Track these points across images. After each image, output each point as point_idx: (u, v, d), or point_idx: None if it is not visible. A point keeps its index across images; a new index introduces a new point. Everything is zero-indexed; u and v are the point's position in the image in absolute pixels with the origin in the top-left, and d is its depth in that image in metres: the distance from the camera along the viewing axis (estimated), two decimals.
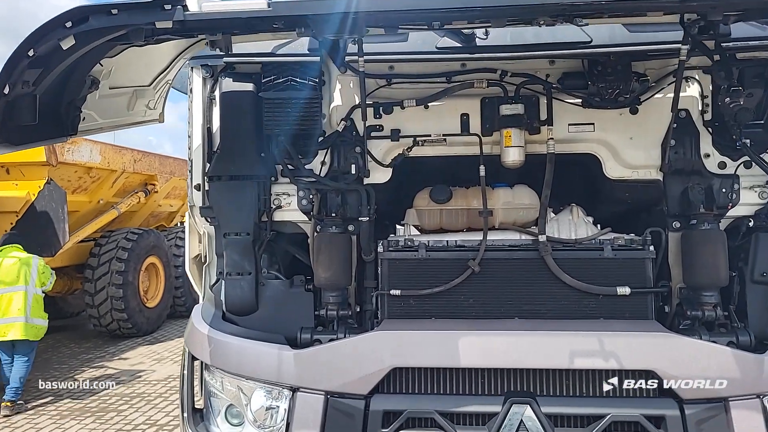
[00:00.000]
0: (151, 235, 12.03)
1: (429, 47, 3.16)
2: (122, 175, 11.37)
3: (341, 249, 3.29)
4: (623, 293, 3.14)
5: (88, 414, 7.47)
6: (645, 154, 3.30)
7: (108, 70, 2.48)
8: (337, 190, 3.38)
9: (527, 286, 3.24)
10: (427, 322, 3.19)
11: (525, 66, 3.33)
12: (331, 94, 3.42)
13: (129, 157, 11.56)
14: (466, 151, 3.38)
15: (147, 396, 8.09)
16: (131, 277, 11.15)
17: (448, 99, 3.35)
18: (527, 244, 3.28)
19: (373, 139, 3.39)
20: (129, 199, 11.95)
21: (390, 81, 3.41)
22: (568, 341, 2.95)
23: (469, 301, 3.25)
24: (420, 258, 3.27)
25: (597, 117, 3.31)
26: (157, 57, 2.92)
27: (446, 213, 3.48)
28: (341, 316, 3.28)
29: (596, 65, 3.22)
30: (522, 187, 3.49)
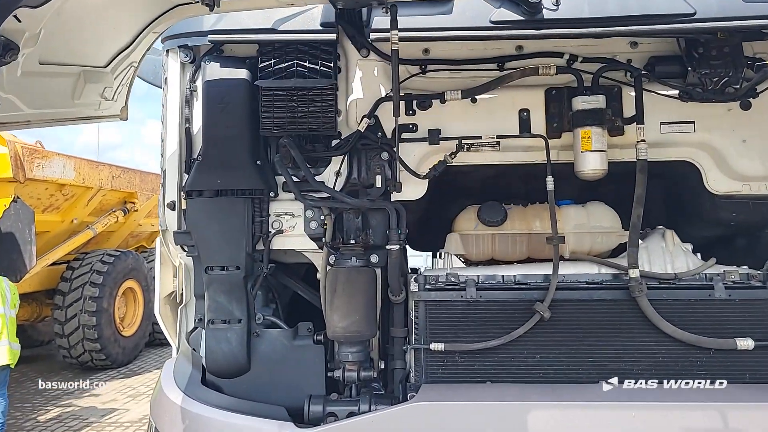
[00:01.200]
0: (129, 258, 11.12)
1: (481, 22, 2.37)
2: (98, 192, 10.50)
3: (363, 288, 2.47)
4: (745, 347, 2.34)
5: None
6: (761, 161, 2.53)
7: (33, 32, 1.66)
8: (358, 209, 2.56)
9: (611, 338, 2.43)
10: (480, 388, 2.36)
11: (599, 49, 2.57)
12: (349, 84, 2.63)
13: (106, 173, 10.68)
14: (526, 157, 2.61)
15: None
16: (106, 304, 10.22)
17: (502, 90, 2.57)
18: (610, 280, 2.48)
19: (406, 142, 2.59)
20: (106, 219, 11.05)
21: (425, 68, 2.62)
22: (681, 417, 2.14)
23: (535, 358, 2.44)
24: (468, 299, 2.46)
25: (697, 113, 2.55)
26: (115, 27, 2.11)
27: (500, 239, 2.68)
28: (363, 379, 2.45)
29: (696, 46, 2.46)
30: (597, 205, 2.70)
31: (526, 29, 2.37)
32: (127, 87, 2.48)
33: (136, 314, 11.79)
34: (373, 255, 2.59)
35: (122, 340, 11.04)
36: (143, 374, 10.68)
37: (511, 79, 2.53)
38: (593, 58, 2.58)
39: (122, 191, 11.54)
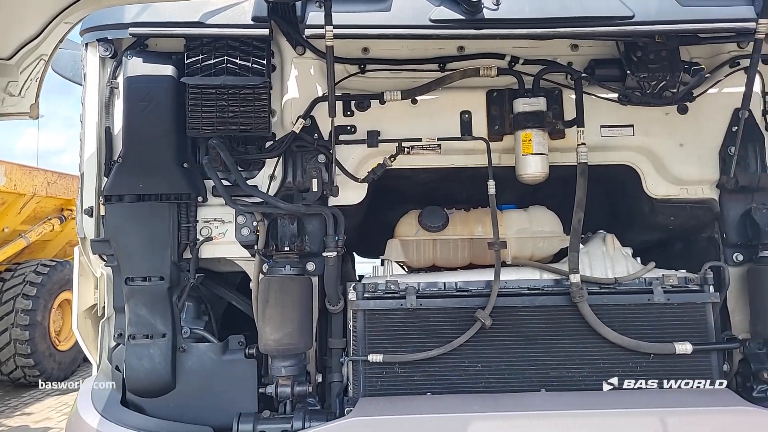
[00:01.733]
0: (66, 268, 10.53)
1: (420, 20, 2.28)
2: (32, 199, 9.93)
3: (297, 297, 2.33)
4: (683, 351, 2.33)
5: None
6: (698, 165, 2.54)
7: None
8: (293, 214, 2.43)
9: (553, 345, 2.39)
10: (419, 400, 2.26)
11: (541, 51, 2.54)
12: (284, 82, 2.50)
13: (41, 179, 10.12)
14: (468, 161, 2.54)
15: None
16: (40, 317, 9.65)
17: (443, 91, 2.50)
18: (552, 286, 2.43)
19: (343, 144, 2.48)
20: (41, 227, 10.46)
21: (364, 67, 2.52)
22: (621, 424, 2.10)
23: (476, 368, 2.36)
24: (408, 308, 2.36)
25: (636, 117, 2.54)
26: (19, 15, 1.92)
27: (441, 244, 2.60)
28: (298, 395, 2.31)
29: (635, 50, 2.45)
30: (540, 210, 2.67)
31: (465, 29, 2.30)
32: (38, 82, 2.27)
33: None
34: (309, 263, 2.46)
35: (58, 355, 10.45)
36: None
37: (452, 80, 2.46)
38: (535, 60, 2.54)
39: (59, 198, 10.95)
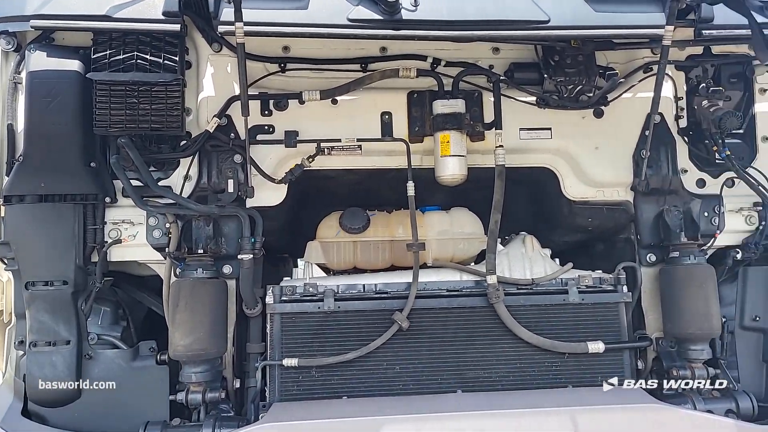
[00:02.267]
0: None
1: (337, 19, 2.26)
2: None
3: (209, 301, 2.27)
4: (596, 351, 2.38)
5: None
6: (613, 168, 2.60)
7: None
8: (208, 216, 2.37)
9: (471, 346, 2.40)
10: (335, 404, 2.23)
11: (463, 53, 2.55)
12: (200, 80, 2.44)
13: None
14: (386, 162, 2.53)
15: None
16: None
17: (363, 92, 2.48)
18: (471, 287, 2.44)
19: (261, 144, 2.43)
20: None
21: (284, 66, 2.48)
22: (533, 426, 2.13)
23: (394, 370, 2.35)
24: (326, 310, 2.34)
25: (554, 120, 2.58)
26: None
27: (362, 246, 2.58)
28: (210, 401, 2.25)
29: (553, 54, 2.49)
30: (461, 212, 2.67)
31: (383, 29, 2.28)
32: None
33: None
34: (226, 265, 2.41)
35: None
36: None
37: (372, 80, 2.44)
38: (456, 62, 2.54)
39: None
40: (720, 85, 2.66)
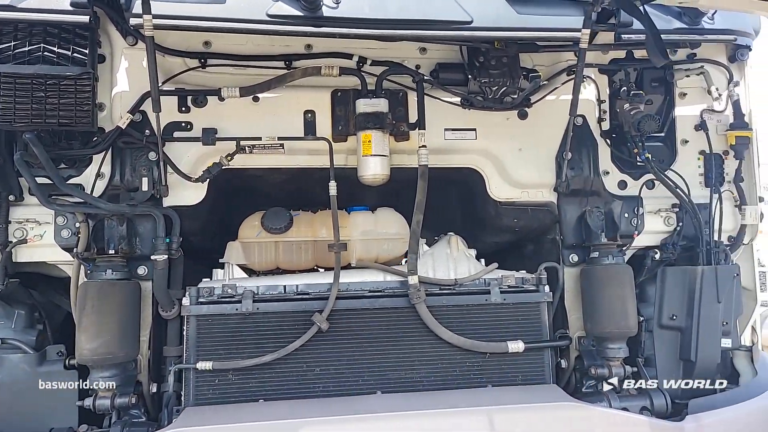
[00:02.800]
0: None
1: (256, 15, 2.21)
2: None
3: (120, 304, 2.20)
4: (515, 350, 2.40)
5: None
6: (536, 169, 2.63)
7: None
8: (120, 215, 2.29)
9: (393, 347, 2.39)
10: (249, 408, 2.19)
11: (390, 53, 2.53)
12: (114, 74, 2.36)
13: None
14: (310, 161, 2.49)
15: None
16: None
17: (286, 90, 2.44)
18: (394, 287, 2.43)
19: (177, 141, 2.36)
20: None
21: (205, 61, 2.42)
22: (449, 425, 2.13)
23: (313, 373, 2.32)
24: (244, 312, 2.29)
25: (479, 121, 2.59)
26: None
27: (284, 247, 2.53)
28: (119, 406, 2.17)
29: (478, 55, 2.50)
30: (388, 212, 2.65)
31: (303, 26, 2.25)
32: None
33: None
34: (140, 267, 2.33)
35: None
36: None
37: (293, 78, 2.40)
38: (382, 61, 2.53)
39: None
40: (642, 89, 2.71)
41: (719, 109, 2.78)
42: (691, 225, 2.65)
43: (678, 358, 2.64)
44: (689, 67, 2.74)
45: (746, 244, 2.80)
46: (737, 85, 2.78)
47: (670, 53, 2.73)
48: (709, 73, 2.75)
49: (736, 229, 2.76)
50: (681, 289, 2.63)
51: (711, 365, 2.60)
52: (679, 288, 2.63)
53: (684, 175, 2.69)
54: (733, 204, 2.76)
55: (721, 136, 2.77)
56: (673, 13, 2.60)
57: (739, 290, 2.70)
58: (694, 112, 2.78)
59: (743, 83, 2.82)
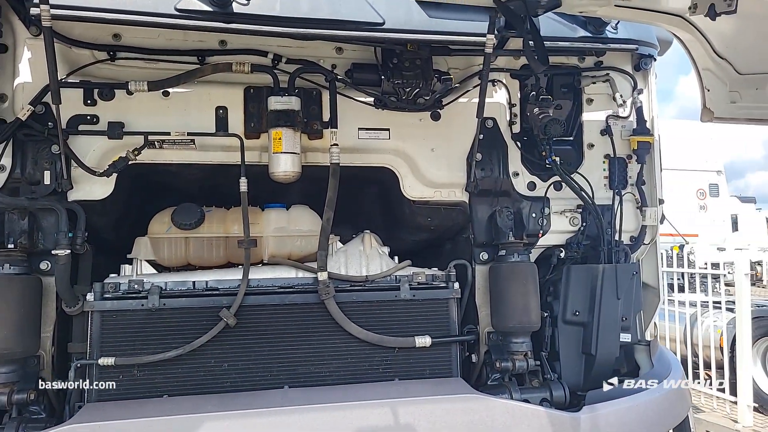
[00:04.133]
0: None
1: (163, 8, 2.21)
2: None
3: (18, 299, 2.15)
4: (422, 345, 2.47)
5: None
6: (448, 169, 2.70)
7: None
8: (20, 209, 2.24)
9: (302, 342, 2.43)
10: (152, 403, 2.19)
11: (306, 51, 2.56)
12: (17, 65, 2.30)
13: None
14: (222, 157, 2.50)
15: None
16: None
17: (197, 85, 2.44)
18: (304, 284, 2.47)
19: (82, 134, 2.33)
20: None
21: (114, 55, 2.39)
22: (351, 419, 2.18)
23: (221, 368, 2.33)
24: (150, 308, 2.28)
25: (393, 121, 2.65)
26: None
27: (195, 243, 2.53)
28: (17, 402, 2.13)
29: (392, 57, 2.56)
30: (301, 209, 2.68)
31: (212, 21, 2.26)
32: None
33: None
34: (43, 261, 2.29)
35: None
36: None
37: (203, 73, 2.40)
38: (297, 59, 2.55)
39: None
40: (552, 95, 2.83)
41: (624, 115, 2.92)
42: (594, 225, 2.79)
43: (581, 352, 2.77)
44: (595, 75, 2.87)
45: (647, 243, 2.95)
46: (641, 93, 2.93)
47: (578, 60, 2.87)
48: (614, 80, 2.88)
49: (637, 229, 2.91)
50: (584, 286, 2.76)
51: (610, 359, 2.73)
52: (582, 285, 2.76)
53: (589, 178, 2.81)
54: (635, 206, 2.91)
55: (624, 141, 2.92)
56: (579, 21, 2.73)
57: (639, 287, 2.85)
58: (600, 117, 2.92)
59: (647, 91, 2.97)
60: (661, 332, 8.99)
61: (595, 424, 2.42)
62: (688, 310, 9.05)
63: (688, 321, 9.00)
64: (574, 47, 2.73)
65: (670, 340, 9.01)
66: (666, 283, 9.49)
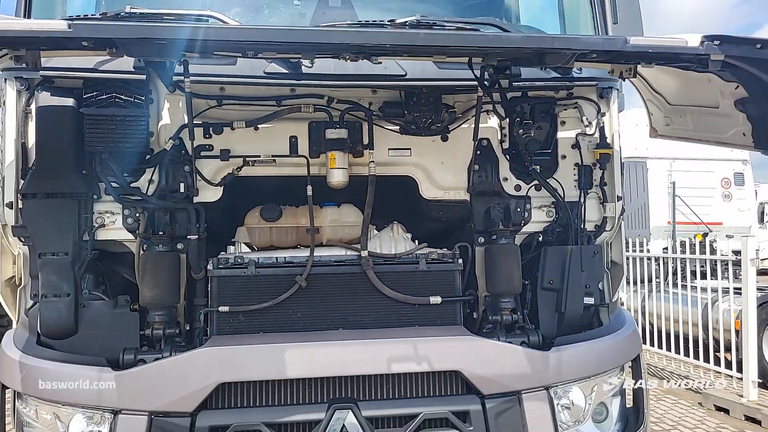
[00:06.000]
0: None
1: (258, 72, 3.30)
2: None
3: (167, 268, 3.29)
4: (435, 302, 3.49)
5: None
6: (454, 177, 3.70)
7: None
8: (165, 208, 3.38)
9: (350, 299, 3.47)
10: (255, 336, 3.29)
11: (349, 94, 3.59)
12: (159, 112, 3.42)
13: None
14: (294, 171, 3.55)
15: None
16: None
17: (277, 122, 3.50)
18: (351, 259, 3.52)
19: (203, 158, 3.44)
20: None
21: (221, 102, 3.49)
22: (385, 348, 3.22)
23: (296, 315, 3.41)
24: (249, 275, 3.37)
25: (413, 143, 3.65)
26: None
27: (276, 231, 3.62)
28: (168, 335, 3.28)
29: (411, 96, 3.56)
30: (348, 206, 3.73)
31: (288, 79, 3.35)
32: None
33: None
34: (179, 243, 3.42)
35: None
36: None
37: (282, 114, 3.47)
38: (344, 100, 3.59)
39: None
40: (533, 118, 3.77)
41: (590, 132, 3.84)
42: (564, 217, 3.75)
43: (554, 311, 3.74)
44: (566, 103, 3.81)
45: (609, 230, 3.88)
46: (603, 115, 3.84)
47: (554, 92, 3.81)
48: (582, 107, 3.81)
49: (600, 219, 3.85)
50: (556, 262, 3.71)
51: (576, 315, 3.68)
52: (555, 261, 3.71)
53: (562, 181, 3.76)
54: (599, 202, 3.85)
55: (590, 153, 3.84)
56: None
57: (600, 263, 3.80)
58: (571, 135, 3.83)
59: (608, 113, 3.88)
60: (684, 317, 9.69)
61: (559, 359, 3.37)
62: (710, 296, 9.72)
63: (710, 305, 9.65)
64: (548, 86, 3.69)
65: (692, 324, 9.70)
66: (689, 270, 10.19)
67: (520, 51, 2.88)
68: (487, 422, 3.20)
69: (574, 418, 3.39)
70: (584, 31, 4.04)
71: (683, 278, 10.18)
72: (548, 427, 3.26)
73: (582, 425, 3.42)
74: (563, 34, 3.89)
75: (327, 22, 3.40)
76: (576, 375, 3.38)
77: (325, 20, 3.49)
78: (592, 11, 3.97)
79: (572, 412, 3.39)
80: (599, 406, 3.51)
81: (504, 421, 3.23)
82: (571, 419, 3.38)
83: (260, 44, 2.48)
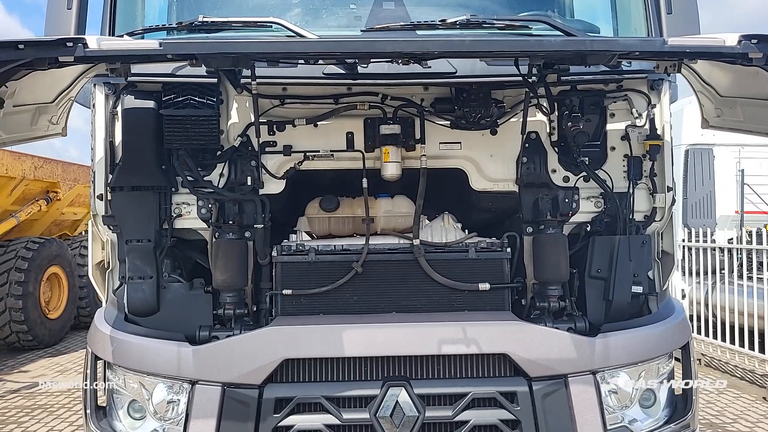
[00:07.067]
0: (53, 245, 11.67)
1: (317, 73, 3.56)
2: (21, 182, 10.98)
3: (237, 253, 3.61)
4: (484, 289, 3.66)
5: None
6: (503, 169, 3.85)
7: (12, 90, 2.68)
8: (234, 199, 3.69)
9: (403, 284, 3.69)
10: (315, 317, 3.57)
11: (402, 91, 3.79)
12: (228, 112, 3.74)
13: (29, 163, 11.17)
14: (351, 165, 3.80)
15: (49, 407, 7.92)
16: (32, 288, 10.80)
17: (335, 119, 3.75)
18: (404, 247, 3.73)
19: (267, 153, 3.73)
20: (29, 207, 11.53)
21: (283, 101, 3.77)
22: (436, 331, 3.42)
23: (353, 299, 3.66)
24: (310, 261, 3.65)
25: (463, 137, 3.82)
26: (61, 77, 3.12)
27: (334, 220, 3.89)
28: (238, 315, 3.60)
29: (461, 92, 3.72)
30: (401, 198, 3.95)
31: (345, 79, 3.59)
32: (67, 113, 3.49)
33: (61, 298, 12.32)
34: (246, 231, 3.74)
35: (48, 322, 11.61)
36: (70, 353, 11.28)
37: (339, 112, 3.72)
38: (398, 97, 3.79)
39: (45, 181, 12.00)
40: (583, 111, 3.85)
41: (640, 124, 3.90)
42: (613, 207, 3.83)
43: (601, 299, 3.83)
44: (616, 95, 3.88)
45: (658, 221, 3.92)
46: (654, 107, 3.89)
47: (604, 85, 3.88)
48: (632, 99, 3.86)
49: (649, 210, 3.90)
50: (605, 252, 3.79)
51: (624, 304, 3.76)
52: (603, 250, 3.79)
53: (611, 172, 3.84)
54: (648, 192, 3.90)
55: (640, 144, 3.89)
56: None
57: (649, 253, 3.85)
58: (620, 126, 3.89)
59: (659, 105, 3.91)
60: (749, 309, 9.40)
61: (605, 345, 3.47)
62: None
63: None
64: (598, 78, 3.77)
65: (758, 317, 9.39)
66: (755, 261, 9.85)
67: (560, 53, 3.00)
68: (534, 403, 3.35)
69: (620, 403, 3.49)
70: (637, 22, 4.07)
71: (749, 269, 9.86)
72: (594, 410, 3.38)
73: (629, 410, 3.51)
74: (603, 37, 3.94)
75: (381, 23, 3.60)
76: (622, 361, 3.47)
77: (379, 21, 3.69)
78: (645, 2, 3.99)
79: (619, 397, 3.49)
80: (647, 392, 3.59)
81: (550, 403, 3.37)
82: (618, 404, 3.48)
83: (321, 54, 2.71)
